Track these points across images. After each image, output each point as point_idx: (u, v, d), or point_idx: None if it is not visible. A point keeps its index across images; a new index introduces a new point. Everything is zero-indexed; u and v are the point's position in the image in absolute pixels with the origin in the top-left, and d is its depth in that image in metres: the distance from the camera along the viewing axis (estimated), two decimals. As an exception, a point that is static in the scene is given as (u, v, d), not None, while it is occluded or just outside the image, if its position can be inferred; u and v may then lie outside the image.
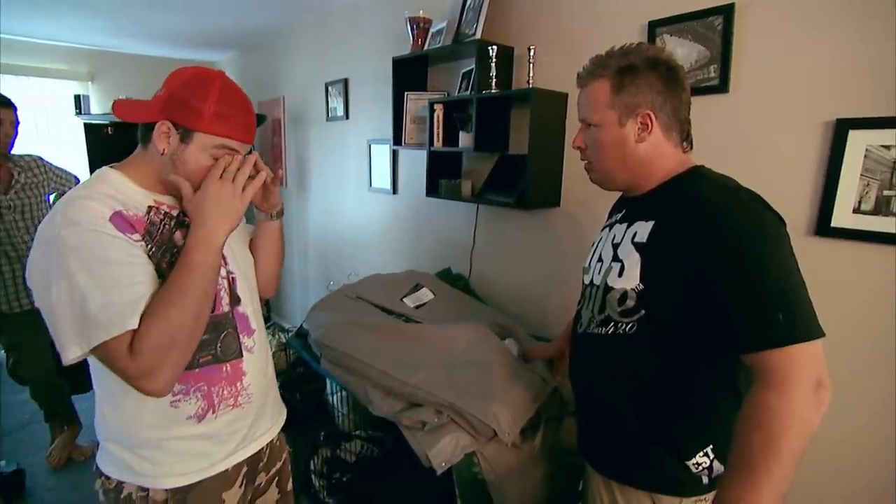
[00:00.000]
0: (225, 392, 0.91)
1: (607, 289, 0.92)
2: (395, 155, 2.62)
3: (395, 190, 2.67)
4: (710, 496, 0.91)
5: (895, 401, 1.16)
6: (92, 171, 3.18)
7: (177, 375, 0.80)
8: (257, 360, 0.98)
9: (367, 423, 2.07)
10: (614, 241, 0.96)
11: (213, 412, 0.90)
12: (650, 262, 0.85)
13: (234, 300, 0.95)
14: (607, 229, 1.03)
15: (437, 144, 2.03)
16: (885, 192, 1.14)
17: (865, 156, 1.15)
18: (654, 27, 1.45)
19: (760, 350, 0.72)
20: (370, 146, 2.77)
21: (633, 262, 0.87)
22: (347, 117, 2.95)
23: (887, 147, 1.12)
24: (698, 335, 0.83)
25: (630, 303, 0.87)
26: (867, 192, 1.16)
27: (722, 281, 0.75)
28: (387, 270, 2.34)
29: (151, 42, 3.83)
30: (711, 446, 0.90)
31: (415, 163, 2.51)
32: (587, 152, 0.99)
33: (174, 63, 4.44)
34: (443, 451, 1.20)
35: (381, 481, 1.83)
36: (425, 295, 1.87)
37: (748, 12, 1.29)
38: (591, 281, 1.00)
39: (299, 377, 2.46)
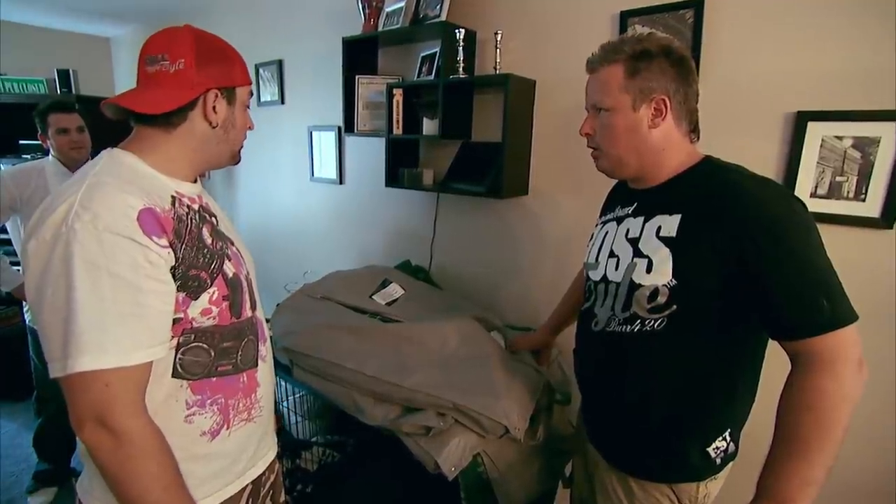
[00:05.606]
0: (240, 405, 0.83)
1: (633, 286, 0.89)
2: (341, 143, 2.46)
3: (341, 180, 2.51)
4: (721, 474, 0.96)
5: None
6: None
7: None
8: (269, 370, 0.91)
9: (323, 428, 1.95)
10: (629, 236, 0.94)
11: (228, 427, 0.81)
12: (683, 256, 0.84)
13: (253, 304, 0.85)
14: (613, 223, 1.01)
15: (398, 132, 1.93)
16: (837, 178, 1.27)
17: (821, 145, 1.27)
18: (626, 17, 1.48)
19: (811, 336, 0.74)
20: (311, 133, 2.58)
21: (662, 257, 0.86)
22: (283, 102, 2.71)
23: (839, 138, 1.25)
24: (731, 324, 0.84)
25: (661, 299, 0.86)
26: (822, 178, 1.29)
27: (768, 271, 0.76)
28: (338, 266, 2.20)
29: (23, 7, 3.22)
30: (729, 430, 0.93)
31: (363, 150, 2.37)
32: (595, 139, 0.97)
33: (55, 35, 3.80)
34: (451, 455, 1.15)
35: (347, 486, 1.74)
36: (395, 291, 1.78)
37: (718, 7, 1.35)
38: (604, 277, 0.97)
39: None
